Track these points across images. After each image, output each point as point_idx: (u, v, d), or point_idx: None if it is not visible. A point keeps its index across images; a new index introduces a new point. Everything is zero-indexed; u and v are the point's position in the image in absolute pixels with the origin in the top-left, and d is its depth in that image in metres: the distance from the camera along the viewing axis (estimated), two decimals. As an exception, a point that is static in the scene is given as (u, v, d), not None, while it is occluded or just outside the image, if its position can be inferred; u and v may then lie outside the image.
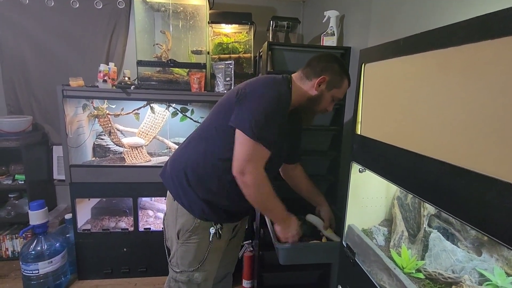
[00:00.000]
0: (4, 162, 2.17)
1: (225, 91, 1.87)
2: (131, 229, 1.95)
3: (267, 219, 1.53)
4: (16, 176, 2.09)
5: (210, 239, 1.08)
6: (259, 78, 1.06)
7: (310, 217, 1.35)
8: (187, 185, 1.05)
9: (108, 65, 1.91)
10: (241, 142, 0.91)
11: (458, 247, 0.75)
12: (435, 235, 0.76)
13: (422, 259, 0.77)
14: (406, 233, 0.84)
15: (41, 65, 2.22)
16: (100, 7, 2.22)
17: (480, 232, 0.46)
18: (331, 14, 1.62)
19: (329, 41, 1.62)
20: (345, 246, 0.90)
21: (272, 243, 1.32)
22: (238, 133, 0.92)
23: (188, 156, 1.08)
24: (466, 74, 0.51)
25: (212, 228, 1.07)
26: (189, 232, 1.07)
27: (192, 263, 1.10)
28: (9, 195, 2.16)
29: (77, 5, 2.19)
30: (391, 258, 0.76)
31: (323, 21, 1.65)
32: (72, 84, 1.78)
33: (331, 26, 1.62)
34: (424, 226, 0.81)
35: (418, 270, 0.73)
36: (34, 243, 1.74)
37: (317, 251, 1.27)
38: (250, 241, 1.98)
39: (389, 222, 0.95)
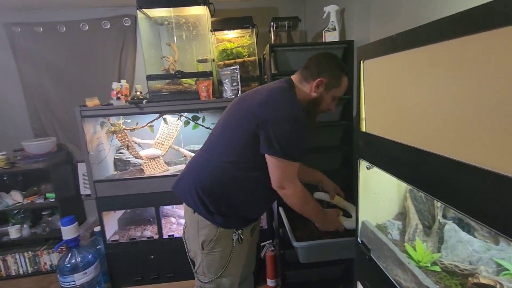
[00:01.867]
0: (35, 182, 2.32)
1: (233, 96, 1.90)
2: (156, 237, 2.04)
3: (284, 219, 1.55)
4: (47, 195, 2.23)
5: (233, 245, 1.13)
6: (270, 96, 1.04)
7: (316, 194, 1.39)
8: (207, 200, 1.08)
9: (120, 82, 1.99)
10: (277, 165, 1.02)
11: (475, 237, 0.74)
12: (450, 226, 0.76)
13: (439, 251, 0.77)
14: (420, 226, 0.83)
15: (59, 88, 2.35)
16: (108, 27, 2.31)
17: (485, 226, 0.46)
18: (331, 9, 1.61)
19: (331, 36, 1.61)
20: (360, 242, 0.91)
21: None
22: (272, 157, 1.01)
23: (205, 171, 1.11)
24: (458, 68, 0.51)
25: (234, 234, 1.12)
26: (213, 242, 1.10)
27: (218, 269, 1.13)
28: (43, 213, 2.31)
29: (87, 28, 2.31)
30: (406, 252, 0.76)
31: (324, 16, 1.65)
32: (89, 104, 1.88)
33: (332, 21, 1.61)
34: (439, 217, 0.80)
35: (434, 263, 0.73)
36: (69, 257, 1.85)
37: (335, 248, 1.28)
38: (271, 240, 2.01)
39: (403, 215, 0.95)
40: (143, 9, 1.93)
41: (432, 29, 0.55)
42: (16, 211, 2.25)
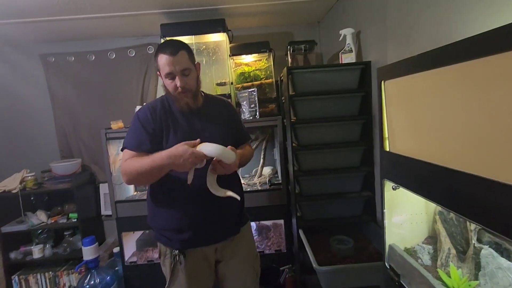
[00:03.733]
0: (59, 202, 2.39)
1: (251, 118, 1.93)
2: (173, 259, 2.01)
3: (305, 242, 1.50)
4: (70, 215, 2.29)
5: (173, 264, 1.16)
6: None
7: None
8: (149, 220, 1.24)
9: (142, 105, 2.08)
10: None
11: (516, 263, 0.68)
12: (486, 251, 0.71)
13: (476, 278, 0.72)
14: (453, 251, 0.79)
15: (86, 112, 2.49)
16: (133, 54, 2.46)
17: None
18: (347, 32, 1.65)
19: (348, 58, 1.64)
20: (388, 267, 0.86)
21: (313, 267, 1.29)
22: None
23: None
24: (488, 86, 0.50)
25: (174, 253, 1.16)
26: (161, 256, 1.22)
27: (168, 283, 1.21)
28: (65, 233, 2.36)
29: (114, 56, 2.46)
30: (439, 279, 0.72)
31: (340, 39, 1.69)
32: (113, 127, 1.97)
33: (348, 43, 1.65)
34: (473, 242, 0.75)
35: (472, 292, 0.68)
36: (88, 278, 1.87)
37: (360, 273, 1.22)
38: (290, 265, 1.94)
39: (433, 239, 0.90)
40: (167, 38, 2.05)
41: (461, 48, 0.56)
42: (40, 231, 2.32)
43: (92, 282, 1.85)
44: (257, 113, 1.93)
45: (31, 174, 2.24)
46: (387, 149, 0.85)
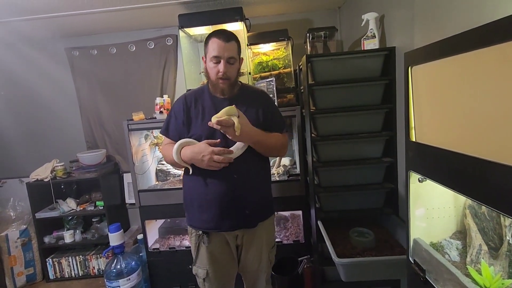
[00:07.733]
0: (87, 191, 2.52)
1: (269, 108, 1.91)
2: (194, 246, 2.07)
3: (324, 234, 1.49)
4: (97, 203, 2.41)
5: (198, 242, 1.27)
6: None
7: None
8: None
9: (162, 97, 2.12)
10: None
11: (556, 262, 0.63)
12: (522, 248, 0.66)
13: (510, 277, 0.68)
14: (485, 247, 0.74)
15: (109, 104, 2.56)
16: (152, 47, 2.49)
17: None
18: (370, 17, 1.57)
19: (371, 44, 1.56)
20: (413, 262, 0.83)
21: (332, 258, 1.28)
22: None
23: None
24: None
25: (198, 233, 1.26)
26: (189, 235, 1.33)
27: (193, 260, 1.32)
28: (93, 220, 2.48)
29: (134, 48, 2.50)
30: (469, 276, 0.68)
31: (362, 24, 1.61)
32: (135, 118, 2.02)
33: (371, 29, 1.56)
34: (508, 238, 0.71)
35: (506, 290, 0.64)
36: (115, 262, 1.96)
37: (381, 267, 1.20)
38: (309, 256, 1.94)
39: (462, 234, 0.85)
40: (184, 29, 2.05)
41: (499, 27, 0.50)
42: (70, 217, 2.46)
43: (119, 267, 1.94)
44: (276, 103, 1.90)
45: (61, 164, 2.36)
46: (414, 139, 0.81)
